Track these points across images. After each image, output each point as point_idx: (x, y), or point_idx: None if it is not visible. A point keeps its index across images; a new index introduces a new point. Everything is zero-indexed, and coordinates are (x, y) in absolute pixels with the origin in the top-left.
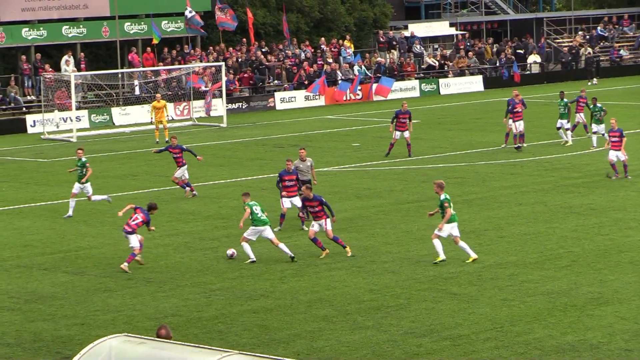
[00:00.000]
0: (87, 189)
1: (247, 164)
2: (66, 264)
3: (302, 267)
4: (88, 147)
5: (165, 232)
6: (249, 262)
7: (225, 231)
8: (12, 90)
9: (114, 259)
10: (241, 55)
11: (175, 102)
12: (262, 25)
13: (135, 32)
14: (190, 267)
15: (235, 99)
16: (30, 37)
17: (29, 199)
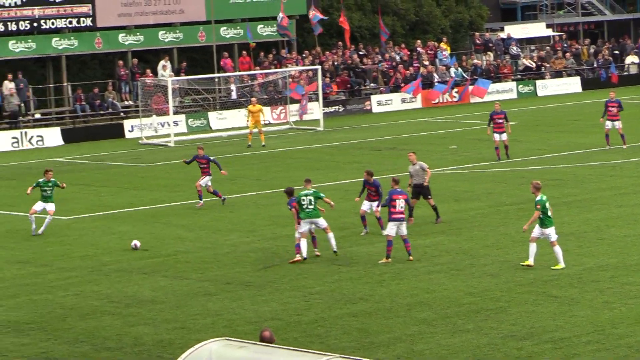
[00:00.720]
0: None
1: (343, 167)
2: (165, 268)
3: (401, 270)
4: (186, 151)
5: (264, 236)
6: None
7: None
8: (109, 96)
9: (213, 263)
10: (337, 58)
11: (272, 106)
12: (358, 28)
13: (231, 36)
14: (289, 270)
15: (331, 102)
16: (127, 42)
17: (127, 203)
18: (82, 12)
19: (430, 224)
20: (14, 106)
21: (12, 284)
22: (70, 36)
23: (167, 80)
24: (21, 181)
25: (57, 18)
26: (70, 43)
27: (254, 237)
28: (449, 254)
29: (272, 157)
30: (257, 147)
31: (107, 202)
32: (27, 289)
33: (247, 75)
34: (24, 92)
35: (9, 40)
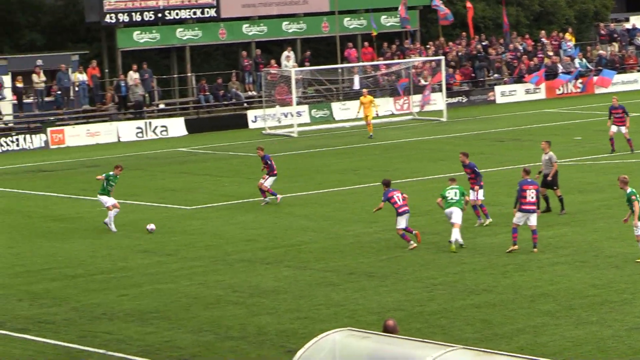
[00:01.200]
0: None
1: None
2: (289, 258)
3: (525, 261)
4: (308, 142)
5: (387, 227)
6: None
7: (448, 226)
8: (233, 86)
9: (336, 253)
10: (461, 49)
11: (394, 96)
12: (482, 19)
13: (354, 27)
14: (412, 261)
15: (455, 93)
16: (251, 33)
17: (251, 193)
18: (206, 3)
19: (554, 215)
20: (139, 96)
21: (136, 273)
22: (195, 27)
23: (291, 71)
24: (145, 171)
25: (182, 9)
26: (195, 34)
27: (377, 227)
28: (573, 245)
29: (394, 148)
30: (379, 137)
31: (230, 191)
32: (151, 278)
33: (370, 65)
34: (148, 82)
35: (133, 31)
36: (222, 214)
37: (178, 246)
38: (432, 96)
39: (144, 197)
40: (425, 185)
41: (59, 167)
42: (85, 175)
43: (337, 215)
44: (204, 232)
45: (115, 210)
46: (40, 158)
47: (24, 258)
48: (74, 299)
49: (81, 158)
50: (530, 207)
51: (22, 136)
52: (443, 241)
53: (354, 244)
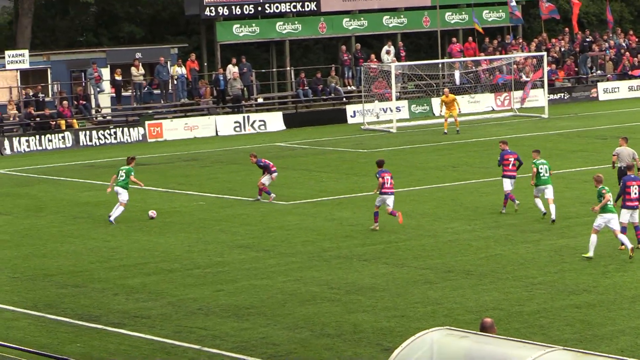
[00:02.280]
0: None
1: (568, 155)
2: (386, 256)
3: (626, 261)
4: (408, 137)
5: (487, 224)
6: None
7: (546, 224)
8: (332, 81)
9: (434, 251)
10: (564, 45)
11: (495, 92)
12: (585, 14)
13: (456, 22)
14: (511, 260)
15: (556, 90)
16: (351, 27)
17: (348, 189)
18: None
19: None
20: (237, 90)
21: (232, 269)
22: (295, 20)
23: (391, 66)
24: (243, 165)
25: (282, 2)
26: (294, 27)
27: (476, 225)
28: None
29: (494, 145)
30: (478, 134)
31: (328, 187)
32: (247, 273)
33: (471, 61)
34: (247, 76)
35: (233, 24)
36: (320, 209)
37: (275, 242)
38: (534, 92)
39: (241, 192)
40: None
41: (156, 161)
42: (183, 169)
43: (436, 212)
44: (301, 228)
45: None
46: (138, 151)
47: (120, 252)
48: (169, 294)
49: (178, 152)
50: (633, 203)
51: (120, 129)
52: (543, 240)
53: (452, 242)
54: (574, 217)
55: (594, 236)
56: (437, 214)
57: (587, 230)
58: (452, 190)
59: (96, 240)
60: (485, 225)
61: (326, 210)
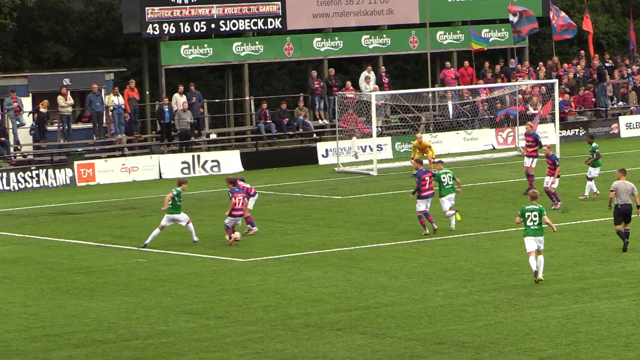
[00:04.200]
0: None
1: (584, 204)
2: (364, 324)
3: None
4: (391, 181)
5: (485, 286)
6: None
7: (558, 286)
8: (300, 113)
9: (422, 318)
10: (579, 70)
11: (497, 128)
12: (604, 34)
13: (449, 42)
14: (514, 329)
15: (570, 124)
16: (323, 48)
17: (319, 243)
18: (269, 12)
19: None
20: (186, 124)
21: (178, 339)
22: (255, 40)
23: (371, 95)
24: (192, 215)
25: (240, 19)
26: (255, 49)
27: (472, 287)
28: None
29: (495, 190)
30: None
31: (295, 241)
32: (196, 345)
33: (468, 90)
34: (197, 107)
35: (181, 45)
36: (285, 268)
37: (230, 307)
38: (542, 128)
39: (190, 246)
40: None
41: (87, 209)
42: (119, 219)
43: (425, 271)
44: (261, 290)
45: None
46: (65, 198)
47: (43, 319)
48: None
49: (114, 198)
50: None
51: (44, 171)
52: (553, 304)
53: (445, 307)
54: (590, 278)
55: (532, 263)
56: (426, 273)
57: (607, 294)
58: (444, 245)
59: (14, 304)
60: (483, 287)
61: (293, 269)
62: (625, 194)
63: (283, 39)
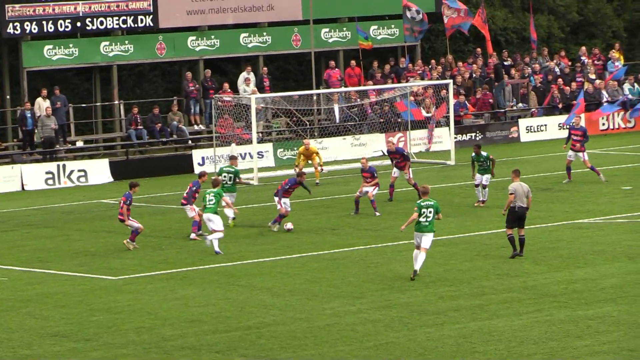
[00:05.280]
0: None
1: (480, 213)
2: (245, 345)
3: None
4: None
5: (376, 304)
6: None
7: (454, 302)
8: (174, 118)
9: (307, 339)
10: (475, 70)
11: (387, 132)
12: (503, 30)
13: (335, 40)
14: (407, 349)
15: (466, 128)
16: (199, 48)
17: (196, 259)
18: (140, 9)
19: (593, 290)
20: (50, 131)
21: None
22: (125, 40)
23: (251, 98)
24: (57, 230)
25: (108, 16)
26: (124, 49)
27: (362, 304)
28: (620, 329)
29: (385, 200)
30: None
31: (169, 257)
32: None
33: (355, 92)
34: (62, 112)
35: (44, 45)
36: (158, 286)
37: (99, 328)
38: (437, 132)
39: (55, 263)
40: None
41: None
42: None
43: (311, 288)
44: (134, 310)
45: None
46: None
47: None
48: None
49: None
50: None
51: None
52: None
53: (331, 327)
54: (489, 294)
55: (415, 252)
56: (312, 290)
57: (506, 311)
58: (331, 260)
59: None
60: (373, 304)
61: (166, 287)
62: (523, 197)
63: (155, 38)
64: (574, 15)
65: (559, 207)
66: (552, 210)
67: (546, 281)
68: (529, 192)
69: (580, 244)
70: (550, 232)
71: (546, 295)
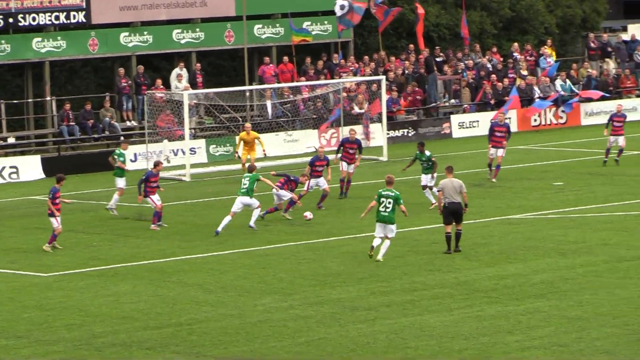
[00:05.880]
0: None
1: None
2: (176, 342)
3: (487, 345)
4: (205, 187)
5: (307, 300)
6: None
7: (386, 298)
8: (106, 114)
9: (239, 335)
10: (408, 66)
11: (320, 128)
12: (435, 26)
13: (268, 36)
14: (339, 345)
15: (398, 124)
16: (131, 44)
17: (128, 256)
18: (72, 5)
19: (524, 285)
20: None
21: None
22: (57, 36)
23: (183, 94)
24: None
25: (40, 12)
26: (56, 45)
27: (294, 300)
28: (551, 324)
29: (317, 196)
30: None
31: (101, 253)
32: None
33: (289, 88)
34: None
35: None
36: (90, 283)
37: (31, 326)
38: (370, 128)
39: None
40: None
41: None
42: None
43: (242, 284)
44: (65, 307)
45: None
46: None
47: None
48: None
49: None
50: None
51: None
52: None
53: (263, 323)
54: (420, 289)
55: (375, 240)
56: (244, 286)
57: (438, 306)
58: (263, 256)
59: None
60: (305, 300)
61: (98, 283)
62: (454, 192)
63: (87, 33)
64: (507, 12)
65: (491, 202)
66: (484, 206)
67: (477, 277)
68: (461, 188)
69: (511, 239)
70: (481, 228)
71: (477, 290)
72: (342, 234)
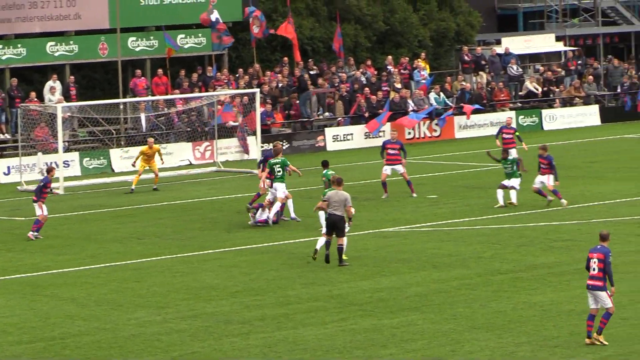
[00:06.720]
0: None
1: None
2: (50, 356)
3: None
4: (79, 201)
5: (181, 313)
6: None
7: (260, 311)
8: None
9: (112, 349)
10: (282, 79)
11: (194, 141)
12: (310, 40)
13: (142, 49)
14: (213, 358)
15: (273, 137)
16: (5, 56)
17: (1, 270)
18: None
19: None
20: None
21: None
22: None
23: (57, 107)
24: None
25: None
26: None
27: (167, 314)
28: (424, 337)
29: (192, 209)
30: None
31: None
32: None
33: (163, 100)
34: None
35: None
36: None
37: None
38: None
39: None
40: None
41: None
42: None
43: (116, 298)
44: None
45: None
46: None
47: None
48: None
49: None
50: (594, 282)
51: None
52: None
53: (136, 337)
54: (294, 303)
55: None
56: (117, 300)
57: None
58: (136, 270)
59: None
60: (179, 314)
61: None
62: (337, 205)
63: None
64: (381, 25)
65: (365, 215)
66: (358, 219)
67: (352, 290)
68: (346, 201)
69: (385, 252)
70: (355, 241)
71: (352, 304)
72: (216, 247)
